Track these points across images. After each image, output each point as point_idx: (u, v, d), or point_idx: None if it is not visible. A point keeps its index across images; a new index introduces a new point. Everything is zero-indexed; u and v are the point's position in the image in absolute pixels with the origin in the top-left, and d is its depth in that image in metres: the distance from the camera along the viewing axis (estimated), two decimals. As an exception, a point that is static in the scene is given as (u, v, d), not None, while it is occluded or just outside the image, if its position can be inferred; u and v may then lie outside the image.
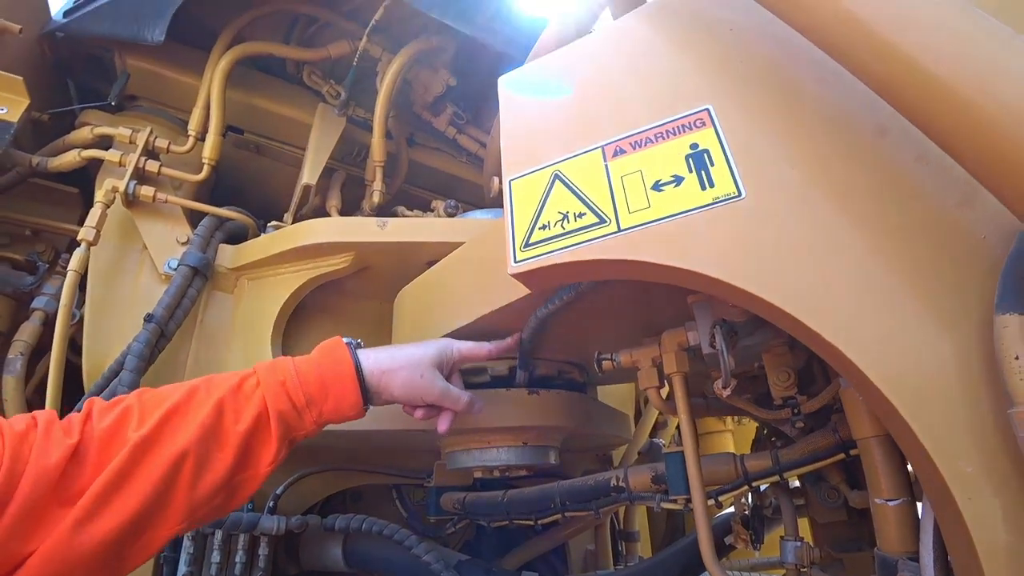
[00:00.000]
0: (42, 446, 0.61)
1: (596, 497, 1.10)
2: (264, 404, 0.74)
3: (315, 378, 0.79)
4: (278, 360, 0.81)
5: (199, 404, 0.71)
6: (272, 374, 0.77)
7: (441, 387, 0.88)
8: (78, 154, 1.47)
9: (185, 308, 1.24)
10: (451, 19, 1.41)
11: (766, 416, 0.84)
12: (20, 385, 1.35)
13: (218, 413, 0.71)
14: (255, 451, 0.73)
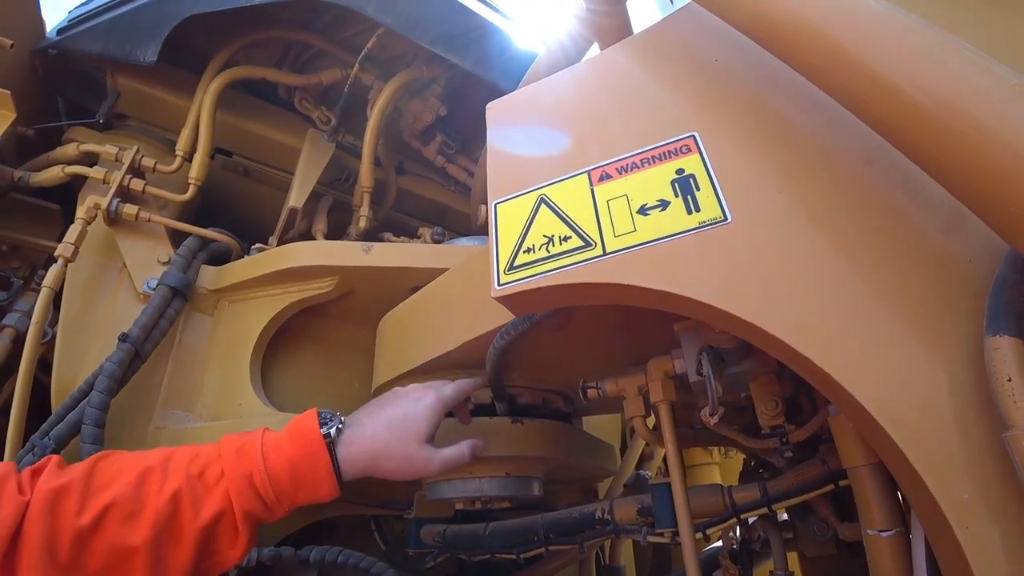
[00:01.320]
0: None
1: (581, 530, 1.06)
2: (228, 500, 0.67)
3: (286, 472, 0.71)
4: (245, 443, 0.73)
5: (151, 494, 0.64)
6: (239, 464, 0.69)
7: (439, 461, 0.79)
8: (62, 170, 1.45)
9: (163, 329, 1.21)
10: (445, 51, 1.43)
11: (754, 445, 0.83)
12: (-14, 405, 1.30)
13: (174, 505, 0.64)
14: (219, 542, 0.67)
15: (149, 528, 0.62)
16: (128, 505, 0.62)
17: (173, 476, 0.66)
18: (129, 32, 1.50)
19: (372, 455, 0.76)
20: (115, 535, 0.60)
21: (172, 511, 0.64)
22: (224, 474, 0.68)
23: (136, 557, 0.61)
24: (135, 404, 1.20)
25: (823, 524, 1.15)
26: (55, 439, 1.07)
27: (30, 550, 0.57)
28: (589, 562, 1.73)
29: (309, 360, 1.34)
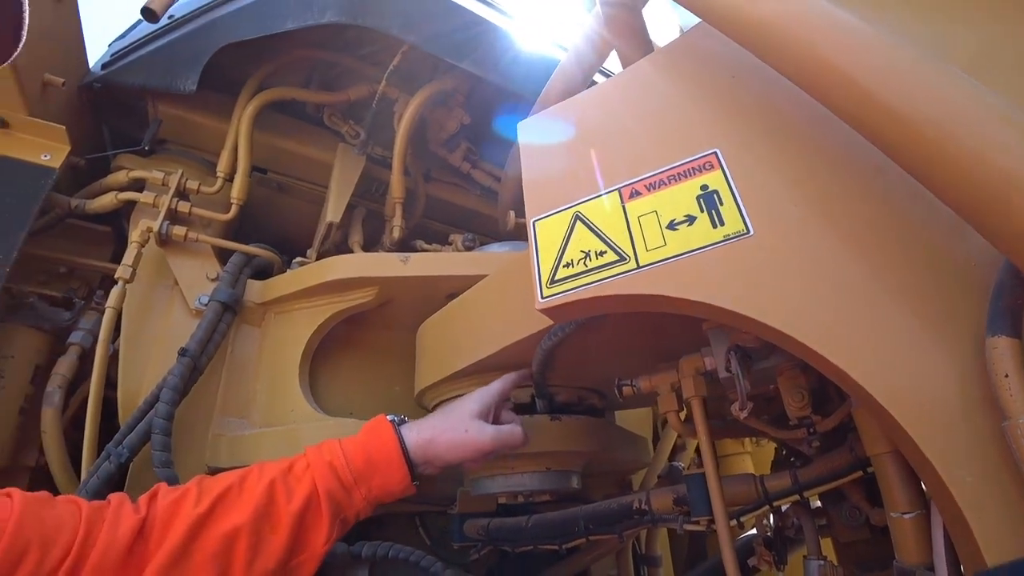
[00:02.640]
0: (113, 520, 0.68)
1: (619, 520, 1.12)
2: (314, 484, 0.78)
3: (361, 456, 0.83)
4: (326, 442, 0.85)
5: (252, 485, 0.76)
6: (320, 455, 0.82)
7: (491, 433, 0.89)
8: (115, 196, 1.55)
9: (216, 342, 1.30)
10: (470, 65, 1.48)
11: (782, 436, 0.87)
12: (58, 416, 1.40)
13: (270, 493, 0.75)
14: (308, 531, 0.77)
15: (251, 511, 0.73)
16: (233, 494, 0.74)
17: (268, 472, 0.77)
18: (168, 63, 1.58)
19: (431, 432, 0.87)
20: (223, 519, 0.71)
21: (269, 498, 0.75)
22: (309, 465, 0.80)
23: (240, 538, 0.71)
24: (195, 413, 1.29)
25: (855, 510, 1.18)
26: (128, 447, 1.16)
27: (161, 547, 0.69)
28: (626, 552, 1.79)
29: (353, 366, 1.42)
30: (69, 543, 0.64)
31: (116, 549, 0.66)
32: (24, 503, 0.64)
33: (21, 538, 0.60)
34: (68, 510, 0.68)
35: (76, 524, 0.66)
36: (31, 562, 0.60)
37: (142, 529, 0.70)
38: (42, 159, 1.50)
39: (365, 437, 0.86)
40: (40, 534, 0.62)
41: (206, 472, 1.24)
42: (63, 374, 1.48)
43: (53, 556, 0.62)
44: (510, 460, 1.09)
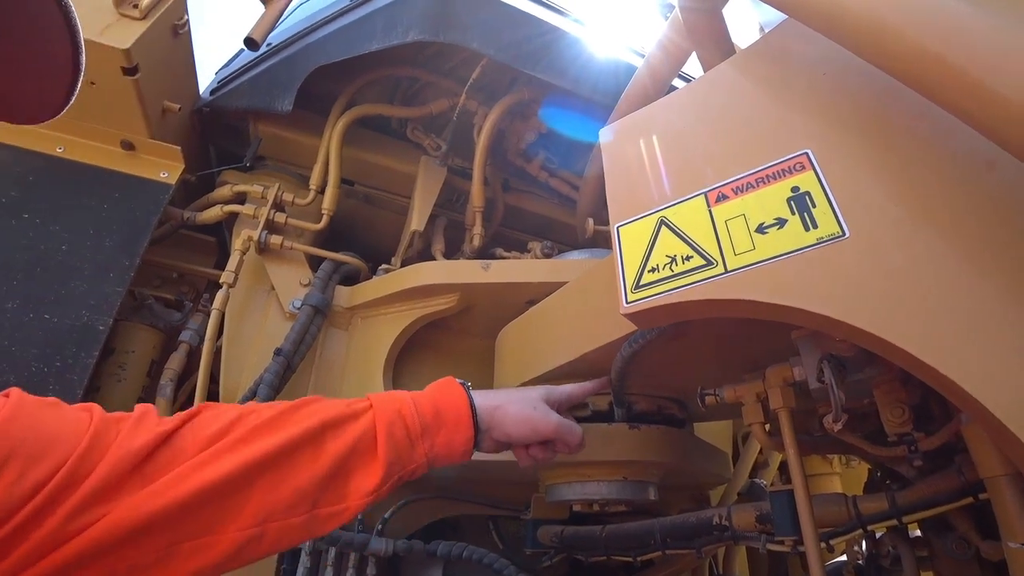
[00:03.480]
0: (130, 432, 0.59)
1: (698, 535, 1.09)
2: (373, 424, 0.70)
3: (431, 407, 0.77)
4: (393, 392, 0.80)
5: (305, 416, 0.68)
6: (389, 402, 0.75)
7: (556, 420, 0.86)
8: (220, 209, 1.69)
9: (308, 343, 1.38)
10: (547, 75, 1.51)
11: (879, 453, 0.82)
12: (170, 407, 1.54)
13: (321, 426, 0.67)
14: (353, 474, 0.68)
15: (299, 433, 0.64)
16: (283, 418, 0.66)
17: (325, 409, 0.69)
18: (267, 87, 1.72)
19: (499, 402, 0.84)
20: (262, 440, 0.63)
21: (319, 428, 0.67)
22: (372, 407, 0.72)
23: (274, 459, 0.63)
24: (288, 410, 1.37)
25: (962, 542, 1.09)
26: (230, 440, 1.26)
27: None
28: (702, 570, 1.73)
29: (434, 370, 1.47)
30: (63, 457, 0.52)
31: (129, 460, 0.56)
32: (18, 404, 0.54)
33: (3, 444, 0.50)
34: (75, 417, 0.57)
35: (80, 434, 0.55)
36: (7, 477, 0.49)
37: (167, 440, 0.60)
38: (161, 176, 1.67)
39: (434, 391, 0.80)
40: (30, 443, 0.51)
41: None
42: (174, 369, 1.62)
43: (39, 471, 0.50)
44: (586, 467, 1.09)
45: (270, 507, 0.62)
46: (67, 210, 1.57)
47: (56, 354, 1.42)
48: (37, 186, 1.56)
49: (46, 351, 1.41)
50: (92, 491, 0.53)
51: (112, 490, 0.54)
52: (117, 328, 1.65)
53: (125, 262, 1.56)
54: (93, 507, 0.52)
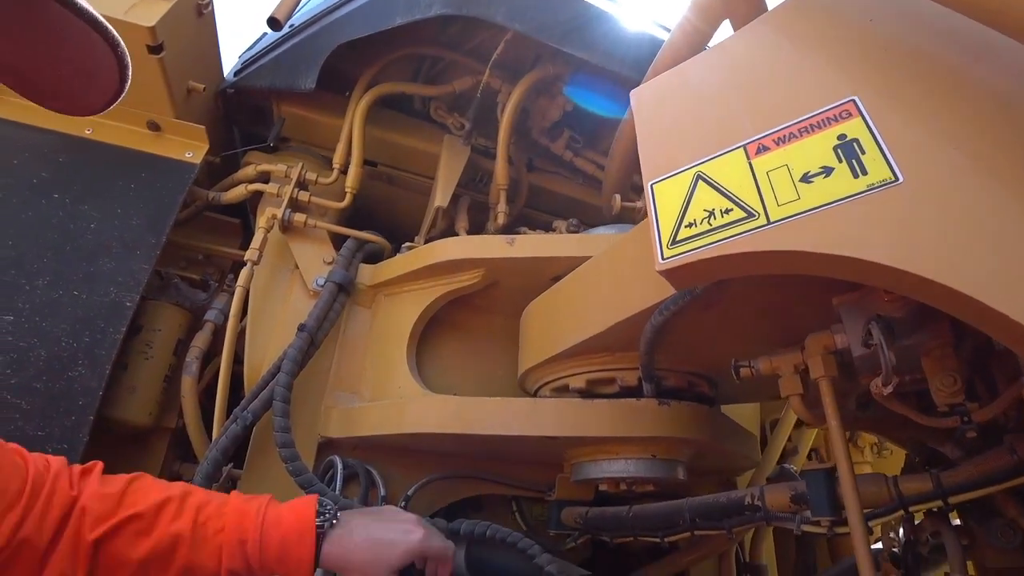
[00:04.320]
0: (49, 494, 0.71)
1: (729, 515, 1.05)
2: (219, 554, 0.78)
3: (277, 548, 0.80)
4: (249, 511, 0.82)
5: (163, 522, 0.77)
6: (239, 527, 0.80)
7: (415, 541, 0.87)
8: (245, 188, 1.70)
9: (331, 320, 1.37)
10: (573, 48, 1.48)
11: (930, 423, 0.77)
12: (194, 384, 1.56)
13: (173, 543, 0.76)
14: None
15: (149, 550, 0.74)
16: (142, 524, 0.75)
17: (185, 516, 0.77)
18: (291, 66, 1.72)
19: (345, 563, 0.83)
20: (124, 545, 0.74)
21: (172, 545, 0.76)
22: (223, 529, 0.79)
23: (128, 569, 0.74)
24: (310, 387, 1.37)
25: (1008, 529, 1.02)
26: (252, 412, 1.26)
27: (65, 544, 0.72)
28: (729, 557, 1.69)
29: (457, 348, 1.45)
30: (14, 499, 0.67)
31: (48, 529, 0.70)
32: None
33: None
34: (11, 462, 0.70)
35: (22, 482, 0.69)
36: None
37: (71, 511, 0.73)
38: (186, 156, 1.68)
39: (287, 528, 0.82)
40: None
41: (319, 441, 1.33)
42: (199, 347, 1.64)
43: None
44: (613, 445, 1.07)
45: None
46: (96, 190, 1.59)
47: (85, 330, 1.44)
48: (67, 167, 1.58)
49: (76, 327, 1.43)
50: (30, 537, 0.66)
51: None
52: (144, 307, 1.67)
53: (151, 240, 1.57)
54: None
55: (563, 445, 1.12)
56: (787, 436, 1.97)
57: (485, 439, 1.11)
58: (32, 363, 1.35)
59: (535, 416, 1.03)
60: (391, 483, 1.27)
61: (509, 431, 1.03)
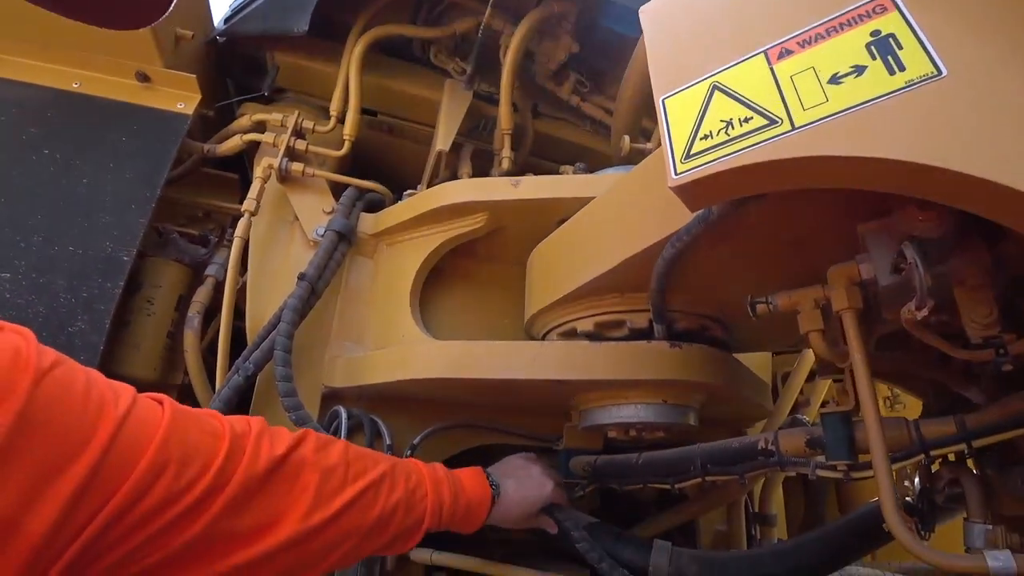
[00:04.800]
0: (254, 450, 0.70)
1: (741, 460, 1.02)
2: (425, 514, 0.89)
3: (463, 511, 0.96)
4: (442, 480, 0.95)
5: (387, 493, 0.84)
6: (437, 495, 0.92)
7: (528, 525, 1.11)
8: (240, 138, 1.65)
9: (332, 269, 1.34)
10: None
11: (964, 356, 0.72)
12: (197, 338, 1.54)
13: (394, 510, 0.84)
14: (402, 543, 0.89)
15: (376, 517, 0.81)
16: (370, 497, 0.81)
17: (398, 486, 0.86)
18: (282, 8, 1.64)
19: (503, 520, 1.04)
20: (357, 515, 0.79)
21: (392, 513, 0.84)
22: (427, 496, 0.90)
23: (356, 536, 0.79)
24: (313, 338, 1.35)
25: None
26: (254, 363, 1.24)
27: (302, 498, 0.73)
28: (738, 507, 1.67)
29: (463, 298, 1.41)
30: (205, 465, 0.63)
31: (253, 481, 0.67)
32: (173, 415, 0.63)
33: (165, 452, 0.59)
34: (211, 428, 0.67)
35: (216, 447, 0.65)
36: (168, 478, 0.59)
37: (280, 467, 0.72)
38: (178, 107, 1.63)
39: (472, 496, 0.98)
40: (181, 451, 0.61)
41: (322, 391, 1.31)
42: (201, 302, 1.62)
43: (188, 474, 0.61)
44: (623, 389, 1.03)
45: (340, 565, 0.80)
46: (87, 145, 1.56)
47: (83, 285, 1.42)
48: (56, 122, 1.55)
49: (73, 282, 1.42)
50: (233, 500, 0.64)
51: (246, 502, 0.66)
52: (144, 264, 1.66)
53: (146, 194, 1.54)
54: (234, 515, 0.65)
55: (571, 390, 1.08)
56: (799, 388, 1.94)
57: (491, 385, 1.08)
58: (32, 320, 1.34)
59: (542, 359, 1.00)
60: (397, 434, 1.26)
61: (515, 375, 1.00)
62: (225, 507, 0.63)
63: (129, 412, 0.58)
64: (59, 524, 0.50)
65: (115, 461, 0.55)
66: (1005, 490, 0.96)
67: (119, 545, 0.55)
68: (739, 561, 1.06)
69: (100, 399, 0.57)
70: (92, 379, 0.59)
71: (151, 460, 0.57)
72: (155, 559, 0.59)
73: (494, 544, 1.39)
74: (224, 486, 0.64)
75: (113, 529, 0.54)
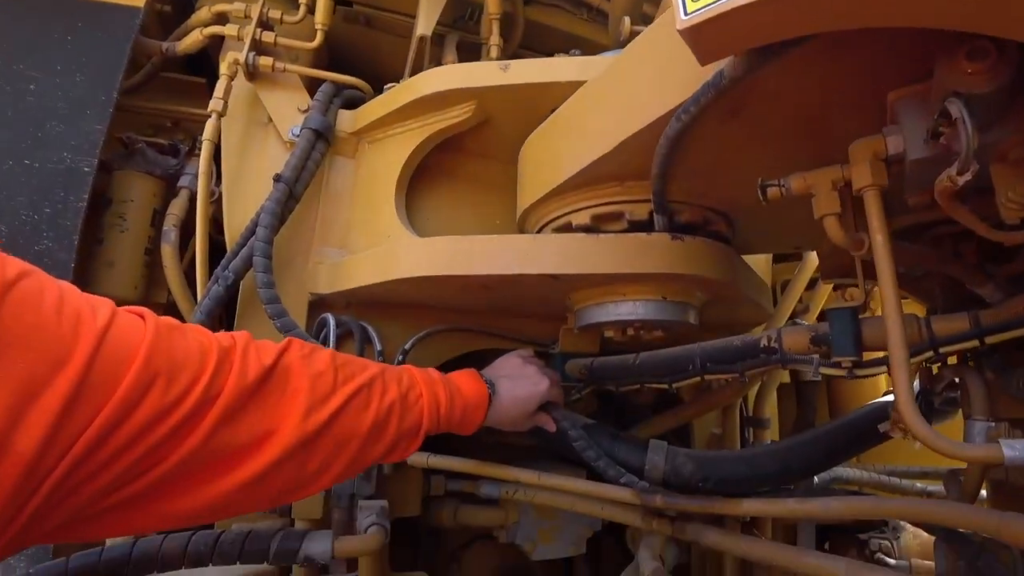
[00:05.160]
0: (242, 363, 0.66)
1: (743, 358, 0.99)
2: (422, 417, 0.87)
3: (460, 413, 0.93)
4: (435, 381, 0.92)
5: (378, 395, 0.81)
6: (432, 396, 0.89)
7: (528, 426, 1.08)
8: (200, 33, 1.50)
9: (310, 170, 1.25)
10: None
11: (998, 237, 0.66)
12: (175, 252, 1.48)
13: (388, 412, 0.81)
14: (400, 450, 0.86)
15: (371, 423, 0.78)
16: (362, 399, 0.78)
17: (391, 388, 0.83)
18: None
19: (499, 421, 1.01)
20: (347, 423, 0.75)
21: (387, 416, 0.81)
22: (422, 398, 0.87)
23: (352, 443, 0.76)
24: (295, 244, 1.28)
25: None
26: (234, 271, 1.18)
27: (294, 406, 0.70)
28: (733, 411, 1.69)
29: (450, 199, 1.33)
30: (194, 378, 0.60)
31: (245, 393, 0.65)
32: (157, 329, 0.59)
33: (152, 366, 0.56)
34: (198, 342, 0.64)
35: (204, 361, 0.63)
36: (157, 391, 0.56)
37: (270, 377, 0.69)
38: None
39: (469, 399, 0.95)
40: (169, 364, 0.58)
41: (309, 299, 1.26)
42: (176, 214, 1.54)
43: (179, 387, 0.59)
44: (621, 284, 0.98)
45: (339, 478, 0.78)
46: (30, 47, 1.43)
47: (44, 200, 1.35)
48: (-6, 25, 1.40)
49: (33, 198, 1.34)
50: (226, 412, 0.62)
51: (239, 414, 0.64)
52: (112, 178, 1.57)
53: (101, 97, 1.42)
54: (228, 428, 0.63)
55: (566, 287, 1.03)
56: (799, 296, 1.91)
57: (482, 283, 1.02)
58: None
59: (536, 253, 0.93)
60: (388, 341, 1.22)
61: (508, 270, 0.94)
62: (219, 420, 0.61)
63: (110, 324, 0.55)
64: (48, 440, 0.48)
65: (100, 375, 0.52)
66: (1005, 392, 0.95)
67: (113, 463, 0.53)
68: (734, 460, 1.06)
69: (76, 312, 0.53)
70: (65, 292, 0.55)
71: (138, 373, 0.55)
72: (154, 477, 0.57)
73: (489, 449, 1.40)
74: (215, 399, 0.62)
75: (105, 445, 0.52)
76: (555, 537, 1.48)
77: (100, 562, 0.98)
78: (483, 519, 1.42)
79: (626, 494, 1.04)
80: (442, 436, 1.06)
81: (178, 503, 0.61)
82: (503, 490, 1.32)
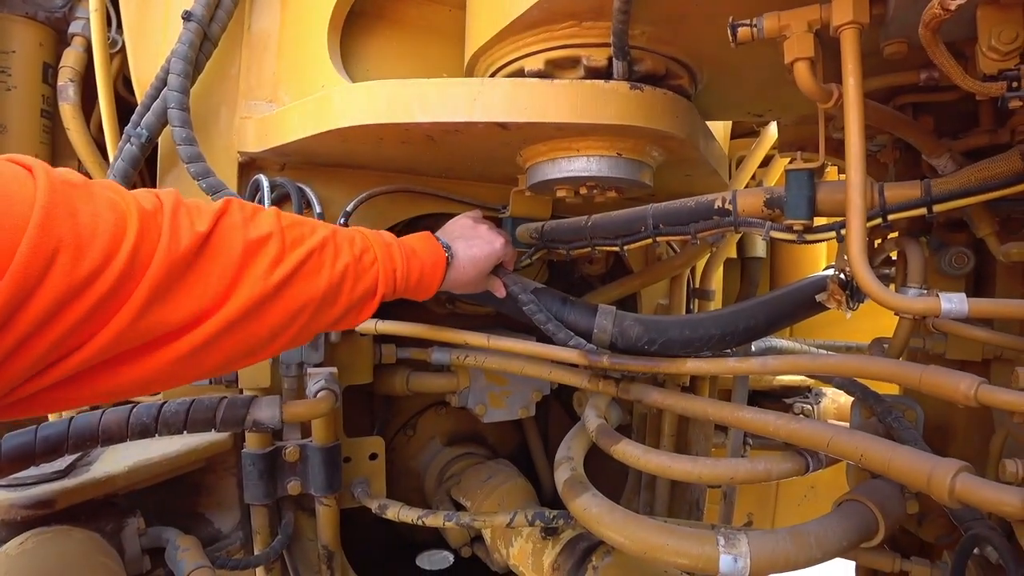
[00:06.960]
0: (172, 229, 0.57)
1: (696, 220, 0.97)
2: (376, 282, 0.83)
3: (416, 275, 0.89)
4: (390, 244, 0.87)
5: (330, 260, 0.76)
6: (388, 259, 0.85)
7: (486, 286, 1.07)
8: None
9: (227, 8, 1.08)
10: None
11: (974, 87, 0.63)
12: (77, 110, 1.31)
13: (342, 278, 0.77)
14: (356, 314, 0.82)
15: (324, 288, 0.74)
16: (312, 264, 0.73)
17: (343, 252, 0.78)
18: None
19: (456, 283, 0.99)
20: (299, 291, 0.70)
21: (340, 281, 0.76)
22: (377, 261, 0.83)
23: (306, 310, 0.72)
24: (217, 98, 1.14)
25: (963, 255, 1.02)
26: (147, 127, 1.05)
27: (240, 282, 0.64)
28: (680, 282, 1.72)
29: (391, 47, 1.20)
30: (108, 251, 0.51)
31: (180, 264, 0.57)
32: (51, 186, 0.48)
33: (49, 234, 0.46)
34: (109, 202, 0.53)
35: (120, 226, 0.53)
36: (62, 266, 0.47)
37: (205, 246, 0.61)
38: None
39: (425, 260, 0.91)
40: (72, 233, 0.48)
41: (239, 160, 1.15)
42: (71, 66, 1.35)
43: (91, 260, 0.49)
44: (575, 140, 0.92)
45: (296, 342, 0.76)
46: None
47: None
48: None
49: None
50: (158, 287, 0.55)
51: (173, 289, 0.57)
52: (-17, 25, 1.33)
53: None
54: (162, 304, 0.56)
55: (517, 139, 0.97)
56: (753, 172, 1.91)
57: (427, 134, 0.94)
58: None
59: (483, 98, 0.85)
60: (329, 205, 1.14)
61: (453, 117, 0.86)
62: (148, 299, 0.54)
63: None
64: None
65: None
66: (938, 268, 1.03)
67: (23, 349, 0.46)
68: (680, 324, 1.08)
69: None
70: None
71: (32, 246, 0.45)
72: (81, 358, 0.51)
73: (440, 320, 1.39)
74: (140, 275, 0.53)
75: (6, 331, 0.45)
76: (505, 401, 1.53)
77: (36, 440, 0.94)
78: (435, 386, 1.45)
79: (574, 355, 1.06)
80: (394, 306, 1.04)
81: (113, 379, 0.56)
82: (453, 356, 1.33)
